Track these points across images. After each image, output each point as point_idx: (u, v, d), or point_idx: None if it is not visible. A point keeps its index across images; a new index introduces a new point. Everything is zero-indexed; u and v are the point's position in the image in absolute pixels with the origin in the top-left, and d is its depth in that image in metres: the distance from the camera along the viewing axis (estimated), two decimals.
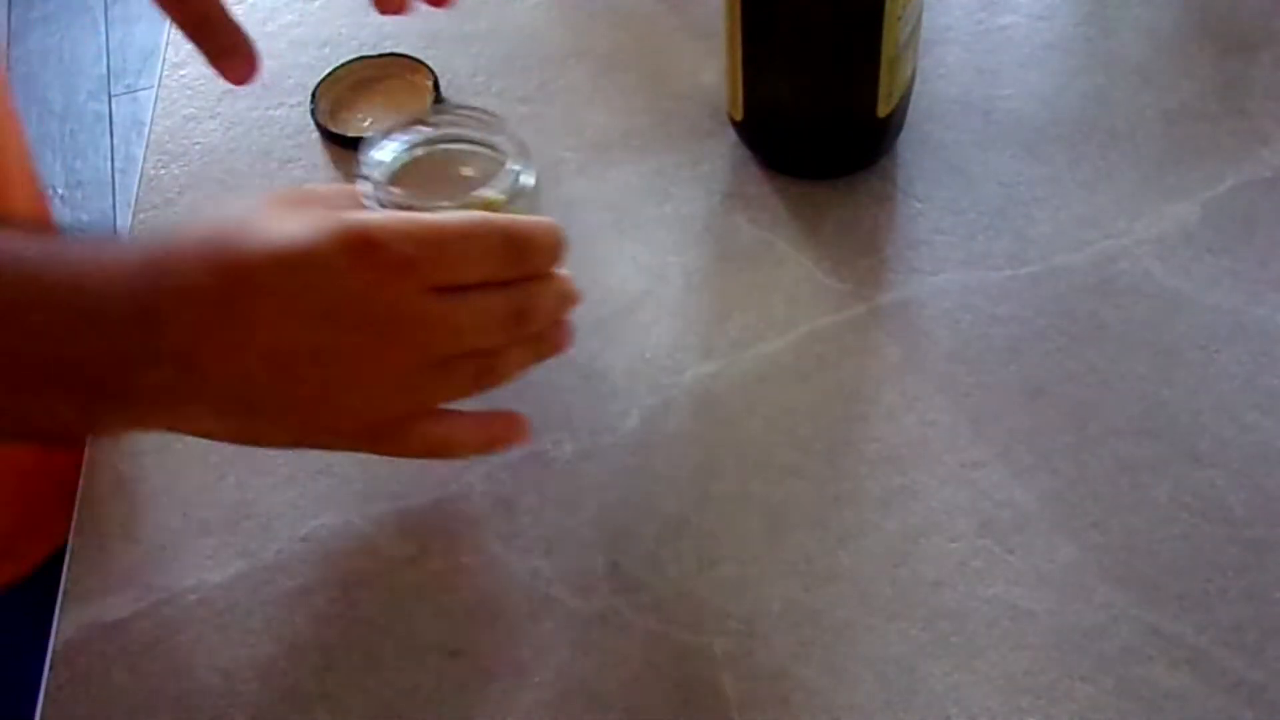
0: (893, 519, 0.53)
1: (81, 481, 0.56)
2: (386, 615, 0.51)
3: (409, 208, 0.48)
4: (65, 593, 0.53)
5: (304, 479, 0.55)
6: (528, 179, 0.51)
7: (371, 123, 0.69)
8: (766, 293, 0.61)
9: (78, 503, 0.55)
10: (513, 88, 0.71)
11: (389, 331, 0.44)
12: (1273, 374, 0.56)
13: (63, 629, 0.52)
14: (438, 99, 0.69)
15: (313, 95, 0.70)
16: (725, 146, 0.67)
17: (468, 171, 0.52)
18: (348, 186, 0.50)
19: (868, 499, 0.53)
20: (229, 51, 0.59)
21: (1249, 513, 0.52)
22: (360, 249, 0.43)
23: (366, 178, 0.50)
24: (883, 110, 0.61)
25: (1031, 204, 0.63)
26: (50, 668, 0.51)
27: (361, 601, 0.52)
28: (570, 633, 0.50)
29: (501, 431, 0.51)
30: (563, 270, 0.49)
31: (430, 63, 0.71)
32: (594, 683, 0.49)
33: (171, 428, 0.46)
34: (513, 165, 0.50)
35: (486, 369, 0.47)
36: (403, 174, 0.52)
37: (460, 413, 0.49)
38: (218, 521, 0.54)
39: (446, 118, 0.52)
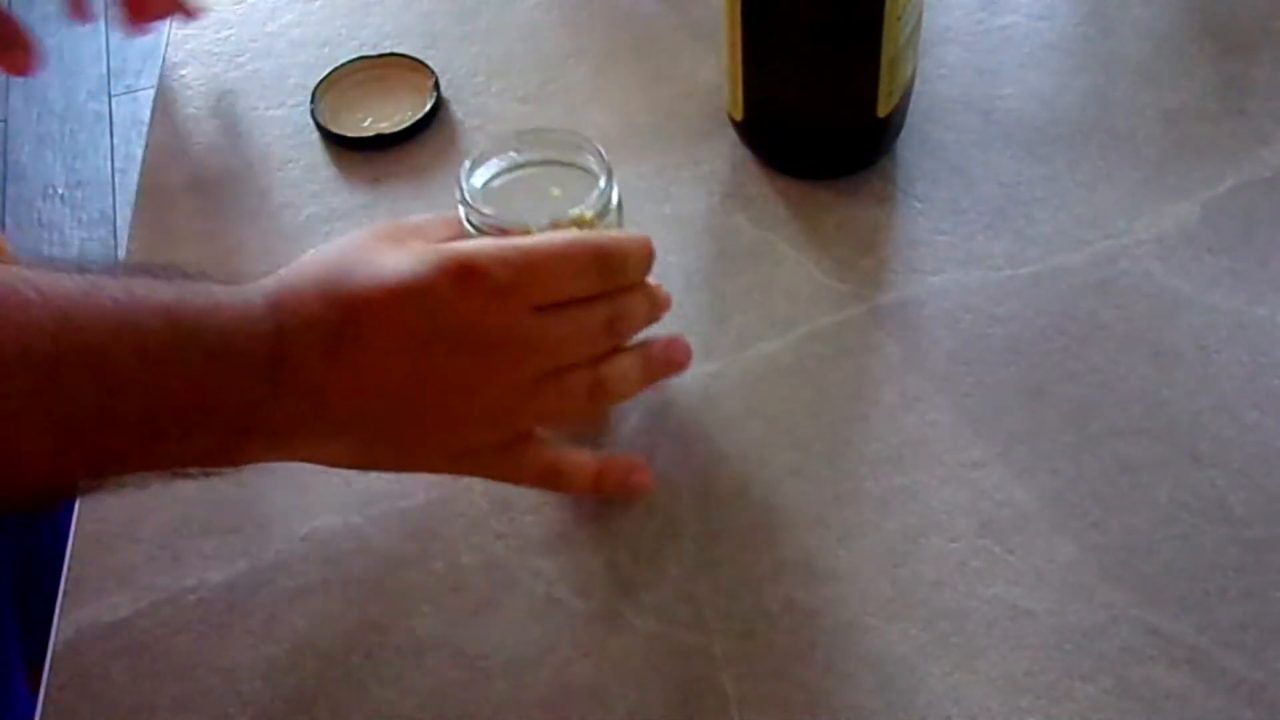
0: (893, 519, 0.53)
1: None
2: (386, 615, 0.51)
3: (505, 230, 0.50)
4: (65, 593, 0.53)
5: (304, 479, 0.55)
6: (615, 195, 0.53)
7: (371, 122, 0.69)
8: (766, 293, 0.61)
9: (78, 503, 0.55)
10: (513, 88, 0.71)
11: (496, 351, 0.46)
12: (1273, 374, 0.56)
13: (63, 629, 0.52)
14: (438, 99, 0.69)
15: (313, 95, 0.70)
16: (725, 146, 0.67)
17: (557, 191, 0.54)
18: (445, 215, 0.52)
19: (868, 499, 0.53)
20: (7, 43, 0.59)
21: (1249, 513, 0.52)
22: (463, 277, 0.45)
23: (463, 202, 0.52)
24: (883, 110, 0.61)
25: (1031, 204, 0.63)
26: (50, 668, 0.51)
27: (361, 601, 0.52)
28: (570, 633, 0.50)
29: (616, 470, 0.52)
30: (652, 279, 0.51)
31: (430, 63, 0.71)
32: (594, 683, 0.49)
33: (303, 458, 0.48)
34: (602, 184, 0.52)
35: (597, 383, 0.49)
36: (496, 196, 0.54)
37: (578, 449, 0.51)
38: (218, 521, 0.54)
39: (534, 140, 0.54)
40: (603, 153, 0.53)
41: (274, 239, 0.65)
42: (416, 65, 0.71)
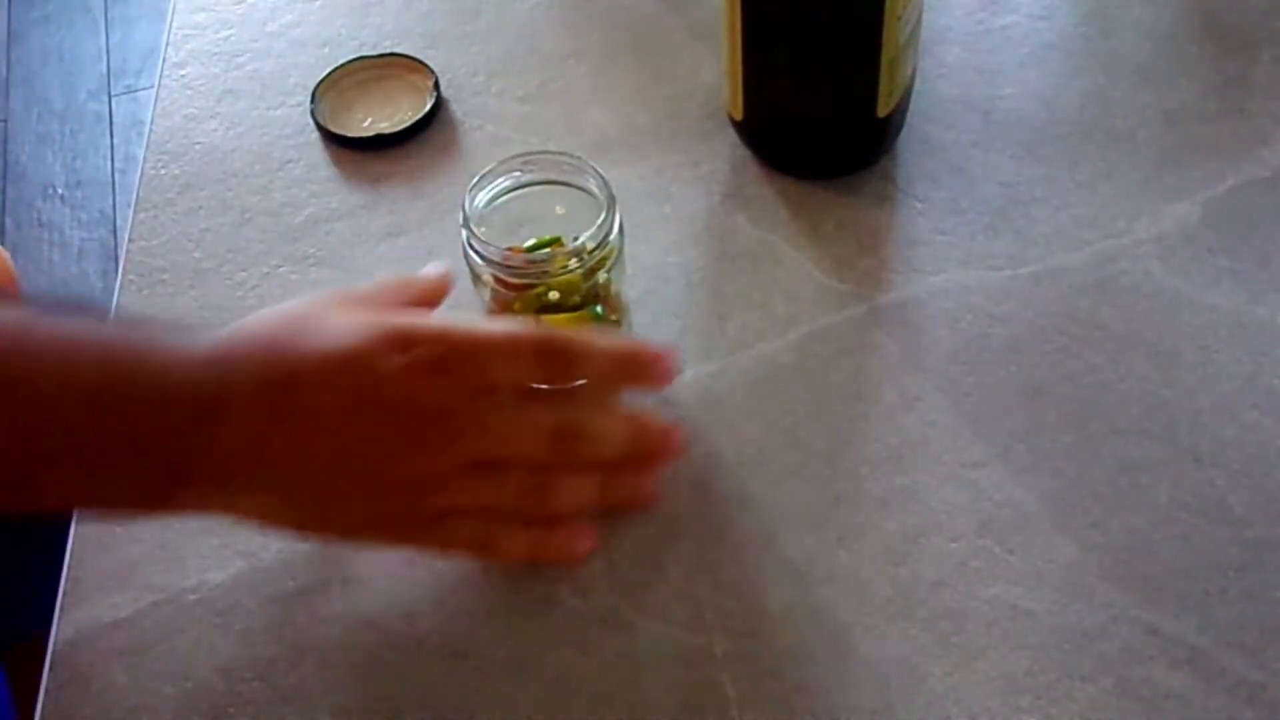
0: (893, 519, 0.53)
1: None
2: (387, 615, 0.51)
3: (504, 259, 0.52)
4: (65, 593, 0.53)
5: None
6: (615, 226, 0.53)
7: (371, 122, 0.69)
8: (766, 293, 0.61)
9: None
10: (513, 88, 0.71)
11: (428, 425, 0.46)
12: (1273, 374, 0.56)
13: (63, 629, 0.52)
14: (438, 99, 0.69)
15: (313, 95, 0.70)
16: (725, 146, 0.67)
17: (560, 209, 0.55)
18: (402, 279, 0.53)
19: (868, 499, 0.53)
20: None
21: (1249, 513, 0.52)
22: (401, 348, 0.46)
23: (464, 225, 0.53)
24: (883, 110, 0.61)
25: (1031, 204, 0.63)
26: (50, 668, 0.51)
27: (362, 602, 0.52)
28: (570, 633, 0.50)
29: (552, 543, 0.51)
30: (651, 412, 0.50)
31: (430, 63, 0.71)
32: (594, 683, 0.49)
33: (238, 513, 0.48)
34: (602, 217, 0.52)
35: (536, 487, 0.48)
36: (500, 213, 0.55)
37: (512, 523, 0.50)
38: (218, 521, 0.54)
39: (539, 161, 0.55)
40: (605, 179, 0.53)
41: (274, 239, 0.65)
42: (416, 65, 0.71)
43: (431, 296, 0.54)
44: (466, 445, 0.47)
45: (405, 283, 0.54)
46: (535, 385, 0.50)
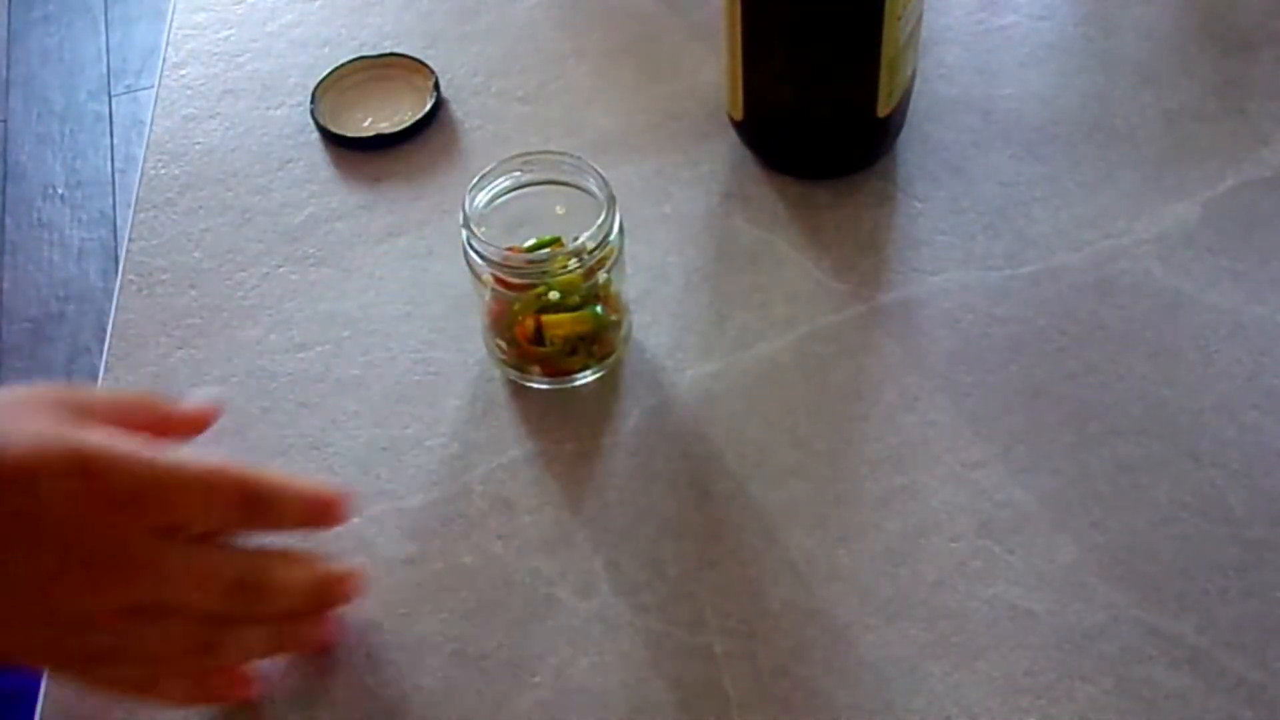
0: (893, 519, 0.53)
1: None
2: (386, 615, 0.51)
3: (504, 259, 0.52)
4: None
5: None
6: (615, 225, 0.53)
7: (371, 122, 0.69)
8: (766, 293, 0.61)
9: None
10: (513, 88, 0.71)
11: (88, 565, 0.42)
12: (1273, 374, 0.56)
13: None
14: (438, 99, 0.69)
15: (313, 95, 0.70)
16: (725, 146, 0.67)
17: (560, 209, 0.55)
18: (134, 396, 0.49)
19: (868, 499, 0.53)
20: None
21: (1249, 513, 0.52)
22: (79, 474, 0.41)
23: (464, 225, 0.52)
24: (883, 110, 0.61)
25: (1031, 204, 0.63)
26: None
27: (362, 602, 0.52)
28: (570, 633, 0.50)
29: (215, 690, 0.48)
30: (345, 567, 0.48)
31: (430, 63, 0.71)
32: (594, 683, 0.49)
33: None
34: (602, 217, 0.52)
35: (205, 641, 0.45)
36: (500, 213, 0.55)
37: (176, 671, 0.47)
38: None
39: (539, 161, 0.55)
40: (605, 179, 0.53)
41: (274, 239, 0.65)
42: (416, 65, 0.71)
43: (182, 427, 0.49)
44: (133, 590, 0.42)
45: (151, 403, 0.49)
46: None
